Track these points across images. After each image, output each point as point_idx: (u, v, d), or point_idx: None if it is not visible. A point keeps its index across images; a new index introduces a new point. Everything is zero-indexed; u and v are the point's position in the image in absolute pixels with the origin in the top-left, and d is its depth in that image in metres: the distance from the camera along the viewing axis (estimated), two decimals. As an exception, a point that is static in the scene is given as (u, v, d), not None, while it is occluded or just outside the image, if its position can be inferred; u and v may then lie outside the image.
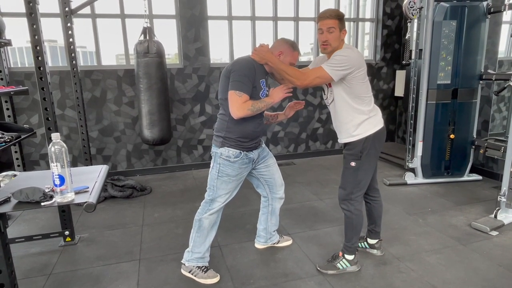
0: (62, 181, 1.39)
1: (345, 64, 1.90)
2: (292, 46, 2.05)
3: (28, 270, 2.32)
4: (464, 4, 3.40)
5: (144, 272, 2.29)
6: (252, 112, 1.94)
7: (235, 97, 1.90)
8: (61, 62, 4.27)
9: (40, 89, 2.31)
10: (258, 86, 1.99)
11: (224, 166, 2.07)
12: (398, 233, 2.73)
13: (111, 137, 4.19)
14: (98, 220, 3.07)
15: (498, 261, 2.32)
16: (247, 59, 2.00)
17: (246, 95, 1.91)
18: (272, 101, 2.00)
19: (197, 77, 4.35)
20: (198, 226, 2.17)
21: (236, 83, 1.91)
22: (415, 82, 3.72)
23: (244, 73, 1.92)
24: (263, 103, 1.97)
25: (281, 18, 4.64)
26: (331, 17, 1.93)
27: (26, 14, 2.15)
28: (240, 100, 1.90)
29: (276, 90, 2.02)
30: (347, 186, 2.14)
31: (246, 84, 1.91)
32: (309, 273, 2.23)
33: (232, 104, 1.91)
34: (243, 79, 1.91)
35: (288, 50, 2.04)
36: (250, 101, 1.93)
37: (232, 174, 2.09)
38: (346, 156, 2.14)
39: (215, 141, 2.11)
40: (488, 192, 3.52)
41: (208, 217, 2.15)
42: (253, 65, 1.96)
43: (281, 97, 2.02)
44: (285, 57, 2.03)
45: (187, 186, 3.92)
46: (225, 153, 2.05)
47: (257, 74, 1.98)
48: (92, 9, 3.91)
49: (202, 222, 2.16)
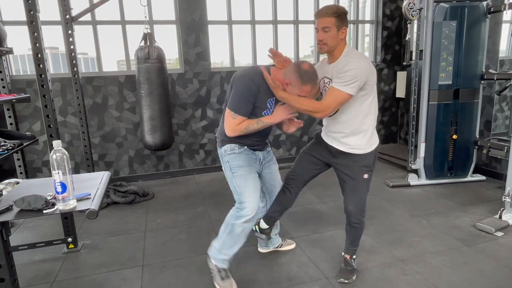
0: (64, 189, 1.39)
1: (359, 76, 1.77)
2: (302, 78, 1.76)
3: (31, 278, 2.32)
4: (464, 4, 3.40)
5: (147, 278, 2.28)
6: (247, 133, 1.87)
7: (229, 117, 1.85)
8: (63, 69, 4.29)
9: (41, 97, 2.32)
10: (262, 105, 1.89)
11: (233, 159, 2.00)
12: (402, 235, 2.71)
13: (113, 143, 4.19)
14: (100, 226, 3.07)
15: (504, 262, 2.30)
16: (254, 75, 1.84)
17: (242, 117, 1.84)
18: (271, 122, 1.88)
19: (198, 82, 4.36)
20: (230, 231, 2.04)
21: (233, 102, 1.84)
22: (416, 83, 3.71)
23: (244, 93, 1.82)
24: (261, 123, 1.87)
25: (280, 21, 4.66)
26: (327, 15, 1.79)
27: (27, 22, 2.16)
28: (233, 122, 1.84)
29: (280, 110, 1.88)
30: (360, 200, 2.03)
31: (244, 104, 1.83)
32: (313, 277, 2.22)
33: (226, 123, 1.88)
34: (242, 100, 1.82)
35: (296, 82, 1.78)
36: (246, 122, 1.85)
37: (244, 164, 2.00)
38: (355, 168, 1.99)
39: (218, 143, 2.10)
40: (492, 192, 3.49)
41: (242, 224, 2.00)
42: (257, 84, 1.82)
43: (283, 118, 1.88)
44: (293, 89, 1.80)
45: (189, 191, 3.92)
46: (228, 148, 2.01)
47: (262, 93, 1.85)
48: (93, 16, 3.94)
49: (234, 228, 2.02)
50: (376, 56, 5.16)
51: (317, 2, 4.74)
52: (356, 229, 2.12)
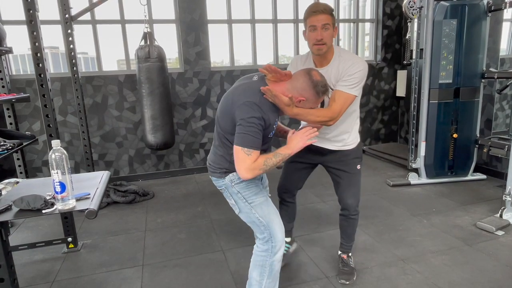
0: (63, 188, 1.39)
1: (363, 78, 1.76)
2: (318, 92, 1.56)
3: (31, 278, 2.32)
4: (464, 2, 3.39)
5: (147, 278, 2.28)
6: (265, 171, 1.54)
7: (243, 155, 1.49)
8: (63, 68, 4.28)
9: (41, 96, 2.32)
10: (269, 128, 1.60)
11: (245, 189, 1.69)
12: (403, 235, 2.70)
13: (113, 143, 4.19)
14: (100, 226, 3.07)
15: (504, 261, 2.30)
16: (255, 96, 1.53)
17: (257, 151, 1.51)
18: (290, 153, 1.58)
19: (198, 81, 4.35)
20: (270, 271, 1.73)
21: (244, 137, 1.49)
22: (416, 82, 3.70)
23: (255, 123, 1.49)
24: (279, 157, 1.55)
25: (280, 20, 4.65)
26: (326, 11, 1.71)
27: (26, 21, 2.15)
28: (249, 160, 1.49)
29: (297, 138, 1.59)
30: (356, 192, 2.06)
31: (257, 136, 1.50)
32: (313, 277, 2.21)
33: (240, 164, 1.51)
34: (253, 132, 1.49)
35: (312, 97, 1.58)
36: (262, 158, 1.52)
37: (258, 191, 1.72)
38: (348, 162, 2.00)
39: (215, 173, 1.74)
40: (492, 191, 3.49)
41: (281, 259, 1.74)
42: (262, 109, 1.52)
43: (302, 146, 1.59)
44: (306, 103, 1.60)
45: (189, 191, 3.92)
46: (235, 177, 1.67)
47: (269, 117, 1.55)
48: (92, 15, 3.93)
49: (273, 267, 1.72)
50: (377, 55, 5.15)
51: (317, 1, 4.73)
52: (354, 220, 2.13)
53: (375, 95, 5.09)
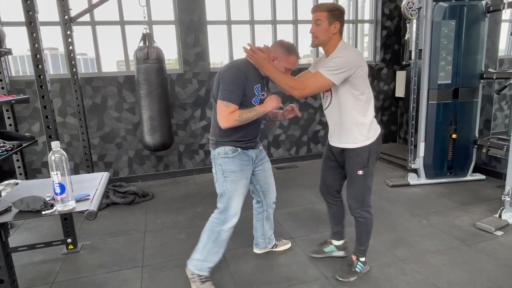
0: (63, 190, 1.39)
1: (344, 66, 1.79)
2: (287, 50, 1.92)
3: (31, 279, 2.31)
4: (463, 3, 3.40)
5: (147, 279, 2.28)
6: (240, 122, 1.87)
7: (222, 107, 1.85)
8: (63, 69, 4.29)
9: (40, 97, 2.32)
10: (250, 93, 1.93)
11: (226, 164, 2.01)
12: (402, 235, 2.71)
13: (113, 144, 4.19)
14: (100, 227, 3.06)
15: (503, 261, 2.30)
16: (240, 64, 1.92)
17: (234, 105, 1.85)
18: (263, 110, 1.91)
19: (197, 82, 4.35)
20: (216, 238, 2.05)
21: (224, 93, 1.85)
22: (415, 83, 3.71)
23: (233, 82, 1.85)
24: (253, 112, 1.89)
25: (279, 21, 4.65)
26: (320, 9, 1.87)
27: (25, 23, 2.15)
28: (227, 110, 1.84)
29: (271, 99, 1.93)
30: (358, 195, 2.07)
31: (235, 93, 1.85)
32: (313, 277, 2.22)
33: (220, 114, 1.86)
34: (232, 88, 1.85)
35: (282, 55, 1.92)
36: (238, 111, 1.86)
37: (237, 170, 2.02)
38: (350, 164, 2.04)
39: (211, 144, 2.08)
40: (491, 191, 3.49)
41: (228, 230, 2.05)
42: (244, 72, 1.88)
43: (274, 106, 1.92)
44: (279, 62, 1.92)
45: (189, 191, 3.92)
46: (222, 151, 2.01)
47: (250, 81, 1.90)
48: (92, 17, 3.93)
49: (220, 234, 2.04)
50: (376, 56, 5.16)
51: (316, 1, 4.74)
52: (360, 223, 2.13)
53: (374, 96, 5.04)
